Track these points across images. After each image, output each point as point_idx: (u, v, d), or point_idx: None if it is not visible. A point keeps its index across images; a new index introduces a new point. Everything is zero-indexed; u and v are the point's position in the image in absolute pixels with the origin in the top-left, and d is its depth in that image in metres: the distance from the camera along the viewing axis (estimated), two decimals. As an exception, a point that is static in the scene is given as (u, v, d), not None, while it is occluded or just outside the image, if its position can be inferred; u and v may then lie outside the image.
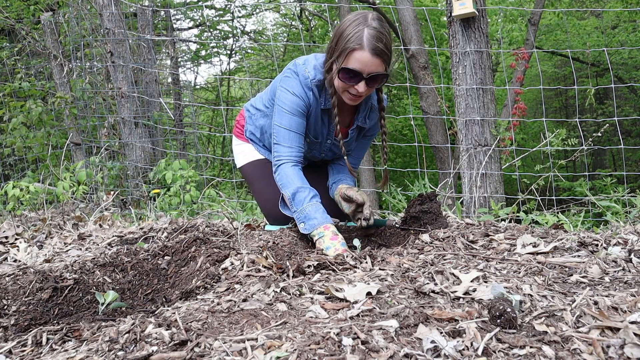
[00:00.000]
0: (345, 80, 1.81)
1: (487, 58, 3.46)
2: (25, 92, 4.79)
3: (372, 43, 1.74)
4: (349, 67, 1.77)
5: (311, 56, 1.99)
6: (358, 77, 1.79)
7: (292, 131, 1.95)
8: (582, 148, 3.36)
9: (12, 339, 1.17)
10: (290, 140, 1.95)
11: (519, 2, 9.74)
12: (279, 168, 1.96)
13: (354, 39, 1.75)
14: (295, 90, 1.93)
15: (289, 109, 1.94)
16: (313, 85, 1.93)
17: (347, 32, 1.77)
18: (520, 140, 8.70)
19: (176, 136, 6.52)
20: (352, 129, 2.11)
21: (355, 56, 1.75)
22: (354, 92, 1.83)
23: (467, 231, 1.75)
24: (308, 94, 1.94)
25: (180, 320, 1.09)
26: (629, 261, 1.42)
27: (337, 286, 1.26)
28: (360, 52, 1.74)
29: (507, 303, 1.02)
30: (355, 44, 1.74)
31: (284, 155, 1.96)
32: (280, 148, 1.96)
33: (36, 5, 6.12)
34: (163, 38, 7.36)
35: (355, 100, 1.89)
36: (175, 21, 10.66)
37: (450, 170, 3.81)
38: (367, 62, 1.75)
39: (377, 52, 1.75)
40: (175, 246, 1.77)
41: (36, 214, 3.15)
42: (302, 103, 1.94)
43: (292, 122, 1.94)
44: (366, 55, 1.74)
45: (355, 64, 1.76)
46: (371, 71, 1.78)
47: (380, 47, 1.75)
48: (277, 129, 1.97)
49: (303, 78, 1.93)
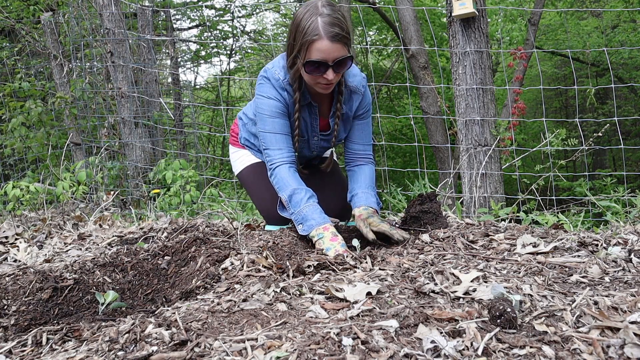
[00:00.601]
0: (312, 72, 1.82)
1: (487, 58, 3.46)
2: (25, 92, 4.79)
3: (328, 30, 1.75)
4: (313, 60, 1.79)
5: (278, 58, 2.01)
6: (324, 66, 1.80)
7: (277, 133, 1.98)
8: (583, 148, 3.36)
9: (12, 339, 1.17)
10: (278, 142, 1.98)
11: (519, 2, 9.74)
12: (273, 172, 1.99)
13: (310, 30, 1.77)
14: (269, 94, 1.96)
15: (268, 113, 1.97)
16: (285, 84, 1.96)
17: (301, 25, 1.79)
18: (520, 140, 8.70)
19: (176, 136, 6.52)
20: (331, 119, 2.11)
21: (316, 47, 1.77)
22: (324, 81, 1.85)
23: (467, 231, 1.75)
24: (283, 94, 1.96)
25: (180, 320, 1.09)
26: (629, 261, 1.42)
27: (337, 286, 1.26)
28: (320, 42, 1.76)
29: (507, 303, 1.02)
30: (313, 35, 1.76)
31: (276, 157, 1.98)
32: (270, 152, 1.99)
33: (36, 6, 6.12)
34: (163, 38, 7.36)
35: (327, 88, 1.91)
36: (175, 21, 10.66)
37: (450, 170, 3.81)
38: (328, 50, 1.77)
39: (336, 37, 1.76)
40: (175, 246, 1.77)
41: (36, 214, 3.15)
42: (279, 104, 1.96)
43: (274, 124, 1.97)
44: (326, 44, 1.76)
45: (318, 54, 1.78)
46: (335, 57, 1.79)
47: (337, 31, 1.76)
48: (263, 135, 2.00)
49: (274, 80, 1.96)
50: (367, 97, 2.11)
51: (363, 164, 2.15)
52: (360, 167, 2.14)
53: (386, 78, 10.09)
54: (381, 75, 10.28)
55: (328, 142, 2.18)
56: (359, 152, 2.15)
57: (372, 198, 2.05)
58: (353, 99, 2.08)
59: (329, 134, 2.14)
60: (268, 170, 2.02)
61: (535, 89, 6.90)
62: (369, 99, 2.14)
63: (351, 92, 2.06)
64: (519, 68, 6.27)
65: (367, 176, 2.12)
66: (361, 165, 2.14)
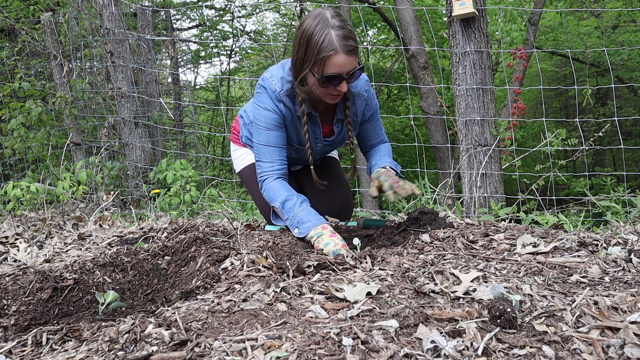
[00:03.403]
0: (327, 85, 1.81)
1: (487, 58, 3.46)
2: (25, 92, 4.79)
3: (344, 44, 1.73)
4: (330, 74, 1.77)
5: (276, 67, 1.99)
6: (338, 79, 1.80)
7: (270, 146, 1.99)
8: (583, 148, 3.36)
9: (12, 339, 1.17)
10: (270, 155, 1.99)
11: (519, 2, 9.73)
12: (263, 184, 2.01)
13: (325, 45, 1.73)
14: (266, 105, 1.96)
15: (263, 125, 1.97)
16: (282, 96, 1.94)
17: (314, 39, 1.75)
18: (520, 139, 8.70)
19: (176, 136, 6.52)
20: (336, 125, 2.11)
21: (333, 62, 1.75)
22: (336, 92, 1.85)
23: (467, 231, 1.75)
24: (279, 106, 1.95)
25: (180, 320, 1.09)
26: (629, 261, 1.42)
27: (337, 286, 1.26)
28: (336, 56, 1.74)
29: (507, 303, 1.02)
30: (329, 50, 1.73)
31: (266, 170, 2.00)
32: (261, 164, 2.01)
33: (36, 5, 6.12)
34: (163, 38, 7.36)
35: (337, 99, 1.91)
36: (175, 21, 10.66)
37: (450, 170, 3.81)
38: (344, 64, 1.76)
39: (351, 50, 1.75)
40: (175, 246, 1.77)
41: (36, 214, 3.15)
42: (276, 116, 1.96)
43: (269, 137, 1.98)
44: (342, 58, 1.74)
45: (334, 68, 1.76)
46: (349, 70, 1.79)
47: (351, 44, 1.75)
48: (257, 146, 2.01)
49: (271, 92, 1.94)
50: (371, 100, 2.11)
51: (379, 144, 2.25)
52: (376, 147, 2.24)
53: (386, 78, 10.09)
54: (381, 76, 10.28)
55: (333, 146, 2.21)
56: (373, 144, 2.24)
57: (387, 160, 2.15)
58: (357, 104, 2.08)
59: (333, 139, 2.16)
60: (259, 182, 2.04)
61: (535, 88, 6.90)
62: (374, 101, 2.14)
63: (354, 96, 2.06)
64: (519, 68, 6.27)
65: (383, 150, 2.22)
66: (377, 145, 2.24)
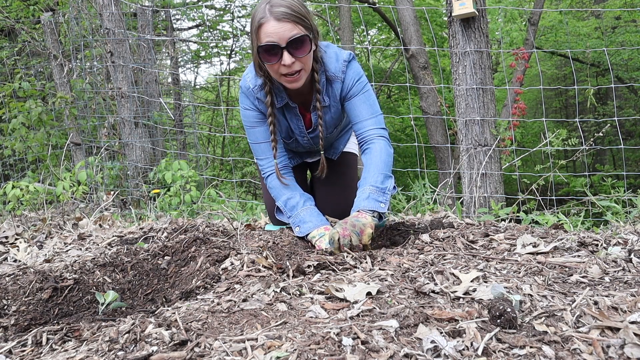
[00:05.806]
0: (267, 59, 1.72)
1: (487, 58, 3.46)
2: (25, 92, 4.79)
3: (273, 10, 1.67)
4: (263, 44, 1.69)
5: (250, 65, 1.96)
6: (276, 49, 1.69)
7: (261, 143, 2.01)
8: (583, 148, 3.36)
9: (12, 339, 1.17)
10: (263, 152, 2.02)
11: (519, 2, 9.74)
12: (266, 181, 2.04)
13: (257, 16, 1.70)
14: (244, 104, 1.98)
15: (248, 124, 2.00)
16: (256, 91, 1.91)
17: (252, 16, 1.73)
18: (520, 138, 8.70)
19: (176, 136, 6.52)
20: (313, 115, 2.00)
21: (264, 30, 1.68)
22: (285, 70, 1.73)
23: (467, 231, 1.75)
24: (255, 102, 1.95)
25: (180, 320, 1.09)
26: (629, 261, 1.42)
27: (337, 286, 1.26)
28: (266, 24, 1.67)
29: (507, 303, 1.02)
30: (259, 19, 1.68)
31: (266, 167, 2.03)
32: (259, 162, 2.05)
33: (36, 5, 6.12)
34: (163, 38, 7.36)
35: (294, 80, 1.77)
36: (175, 21, 10.66)
37: (450, 170, 3.81)
38: (276, 30, 1.66)
39: (282, 15, 1.66)
40: (175, 246, 1.77)
41: (36, 214, 3.15)
42: (255, 113, 1.97)
43: (256, 134, 2.00)
44: (272, 24, 1.67)
45: (266, 37, 1.68)
46: (286, 37, 1.67)
47: (283, 10, 1.67)
48: (251, 145, 2.05)
49: (246, 89, 1.94)
50: (348, 78, 1.89)
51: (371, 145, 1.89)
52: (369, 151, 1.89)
53: (386, 78, 10.09)
54: (381, 76, 10.28)
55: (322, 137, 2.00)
56: (367, 129, 1.91)
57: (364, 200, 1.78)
58: (333, 88, 1.91)
59: (312, 129, 2.05)
60: (263, 180, 2.06)
61: (535, 89, 6.90)
62: (353, 76, 1.90)
63: (331, 80, 1.89)
64: (520, 68, 6.27)
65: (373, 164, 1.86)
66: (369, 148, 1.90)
